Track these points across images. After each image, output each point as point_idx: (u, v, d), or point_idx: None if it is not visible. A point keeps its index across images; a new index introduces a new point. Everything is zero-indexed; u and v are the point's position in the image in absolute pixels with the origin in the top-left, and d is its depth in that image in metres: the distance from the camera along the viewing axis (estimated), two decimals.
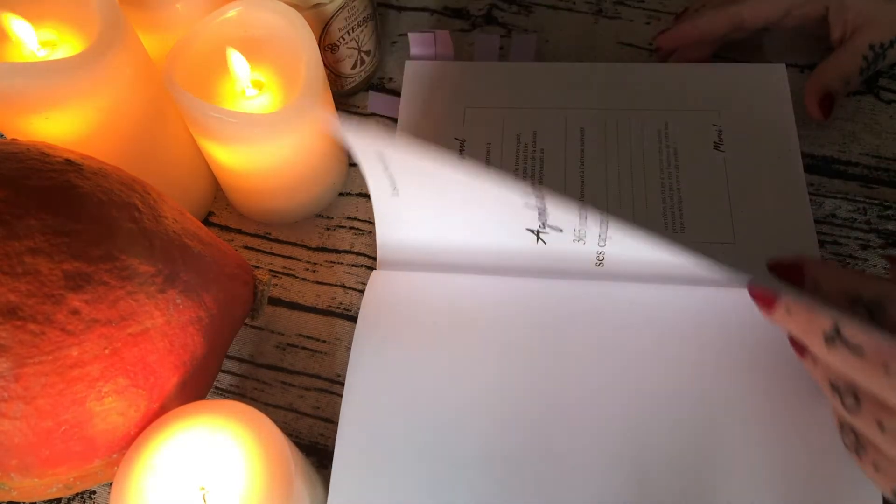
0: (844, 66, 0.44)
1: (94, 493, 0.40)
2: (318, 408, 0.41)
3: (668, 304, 0.39)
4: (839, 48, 0.45)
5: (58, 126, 0.35)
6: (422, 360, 0.39)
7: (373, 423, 0.37)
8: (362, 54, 0.48)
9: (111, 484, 0.30)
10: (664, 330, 0.38)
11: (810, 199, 0.43)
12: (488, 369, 0.38)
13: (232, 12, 0.40)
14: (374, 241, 0.45)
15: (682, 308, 0.39)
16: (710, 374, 0.37)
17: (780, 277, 0.31)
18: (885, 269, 0.42)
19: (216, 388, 0.42)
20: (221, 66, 0.39)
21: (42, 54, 0.37)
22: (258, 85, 0.41)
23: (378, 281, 0.41)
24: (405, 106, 0.48)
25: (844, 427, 0.30)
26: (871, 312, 0.28)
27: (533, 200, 0.36)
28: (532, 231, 0.37)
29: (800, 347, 0.32)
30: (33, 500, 0.32)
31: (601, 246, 0.38)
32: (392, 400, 0.38)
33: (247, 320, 0.40)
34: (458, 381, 0.38)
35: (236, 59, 0.38)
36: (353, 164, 0.48)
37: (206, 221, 0.47)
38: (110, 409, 0.29)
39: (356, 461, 0.37)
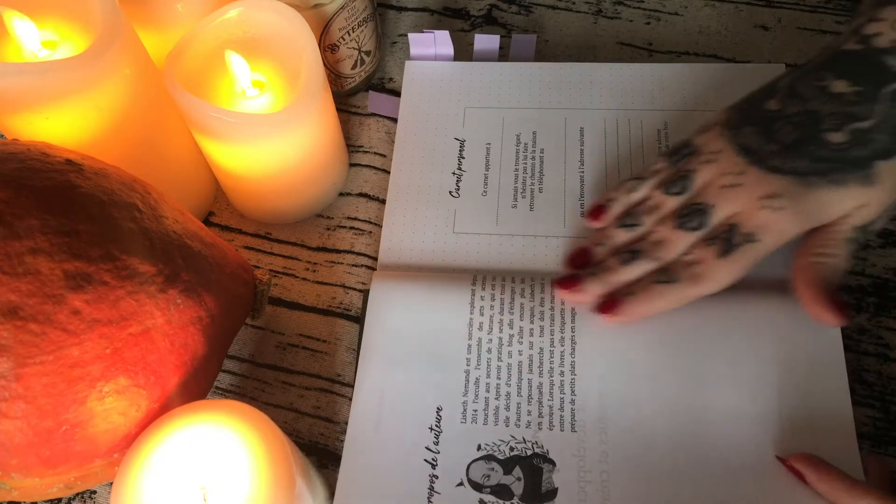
0: (834, 255, 0.36)
1: (95, 492, 0.40)
2: (319, 407, 0.41)
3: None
4: (815, 235, 0.37)
5: (58, 126, 0.35)
6: (428, 360, 0.39)
7: (381, 425, 0.38)
8: (362, 54, 0.48)
9: (112, 484, 0.30)
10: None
11: None
12: (493, 364, 0.39)
13: (232, 12, 0.40)
14: (375, 241, 0.46)
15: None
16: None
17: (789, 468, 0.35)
18: (885, 268, 0.42)
19: (217, 387, 0.42)
20: (221, 66, 0.39)
21: (43, 54, 0.37)
22: (258, 85, 0.41)
23: (381, 282, 0.41)
24: (405, 106, 0.48)
25: None
26: None
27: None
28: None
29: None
30: (34, 500, 0.32)
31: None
32: (400, 400, 0.38)
33: (247, 320, 0.40)
34: (464, 382, 0.39)
35: (236, 62, 0.38)
36: (353, 165, 0.48)
37: (207, 221, 0.47)
38: (111, 408, 0.30)
39: (366, 457, 0.37)
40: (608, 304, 0.38)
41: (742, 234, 0.36)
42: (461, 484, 0.36)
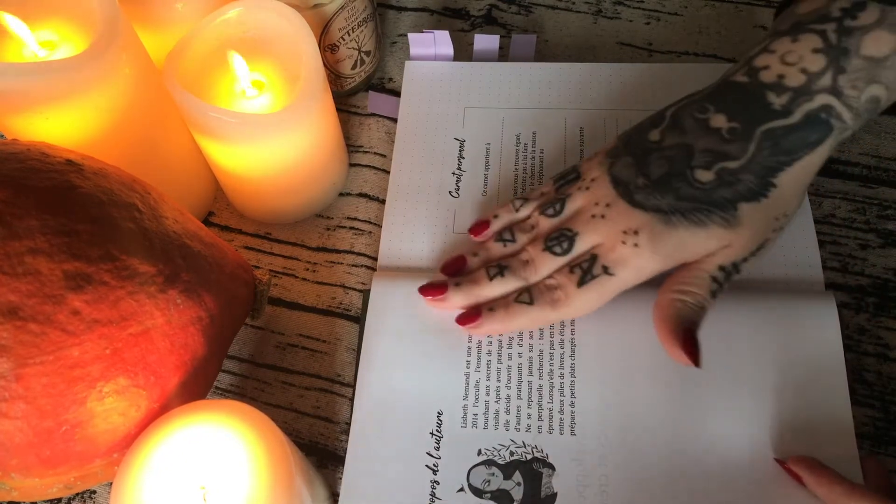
0: (694, 294, 0.36)
1: (95, 492, 0.40)
2: (318, 407, 0.41)
3: None
4: (678, 272, 0.37)
5: (58, 126, 0.35)
6: (428, 361, 0.39)
7: (384, 429, 0.38)
8: (362, 54, 0.49)
9: (112, 484, 0.30)
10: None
11: (810, 199, 0.43)
12: (493, 366, 0.39)
13: (232, 12, 0.40)
14: (375, 241, 0.46)
15: None
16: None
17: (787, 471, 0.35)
18: (885, 268, 0.42)
19: (216, 387, 0.42)
20: (221, 66, 0.39)
21: (42, 54, 0.37)
22: (258, 85, 0.41)
23: (381, 282, 0.42)
24: (405, 106, 0.48)
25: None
26: None
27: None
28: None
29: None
30: (34, 500, 0.32)
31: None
32: (402, 403, 0.38)
33: (247, 320, 0.40)
34: (464, 385, 0.39)
35: (238, 63, 0.38)
36: (353, 165, 0.48)
37: (207, 221, 0.47)
38: (111, 409, 0.30)
39: (368, 465, 0.37)
40: (468, 317, 0.39)
41: (601, 266, 0.36)
42: (462, 490, 0.36)
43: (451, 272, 0.41)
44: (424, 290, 0.40)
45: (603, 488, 0.36)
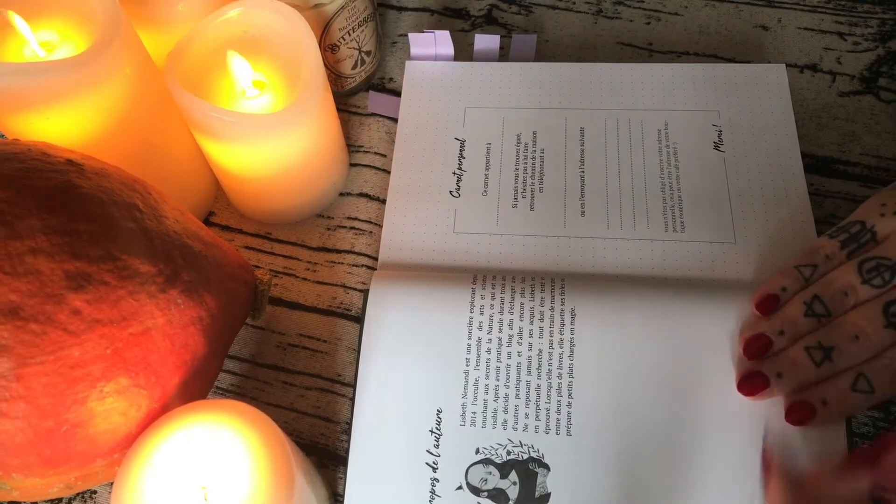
0: None
1: (95, 492, 0.40)
2: (319, 407, 0.41)
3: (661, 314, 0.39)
4: None
5: (58, 126, 0.35)
6: (428, 359, 0.39)
7: (385, 427, 0.38)
8: (363, 54, 0.49)
9: (112, 483, 0.30)
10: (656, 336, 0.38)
11: (810, 199, 0.43)
12: (493, 364, 0.39)
13: (232, 12, 0.40)
14: (375, 241, 0.46)
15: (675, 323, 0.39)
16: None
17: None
18: None
19: (217, 387, 0.42)
20: (221, 66, 0.39)
21: (43, 54, 0.37)
22: (259, 85, 0.41)
23: (381, 282, 0.42)
24: (405, 106, 0.48)
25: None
26: None
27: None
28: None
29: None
30: (34, 500, 0.32)
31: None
32: (402, 402, 0.38)
33: (248, 320, 0.40)
34: (463, 383, 0.39)
35: (237, 62, 0.38)
36: (353, 165, 0.48)
37: (207, 221, 0.47)
38: (112, 408, 0.30)
39: (371, 463, 0.37)
40: (800, 415, 0.35)
41: None
42: (460, 488, 0.36)
43: (753, 354, 0.36)
44: (742, 389, 0.36)
45: (596, 489, 0.36)
